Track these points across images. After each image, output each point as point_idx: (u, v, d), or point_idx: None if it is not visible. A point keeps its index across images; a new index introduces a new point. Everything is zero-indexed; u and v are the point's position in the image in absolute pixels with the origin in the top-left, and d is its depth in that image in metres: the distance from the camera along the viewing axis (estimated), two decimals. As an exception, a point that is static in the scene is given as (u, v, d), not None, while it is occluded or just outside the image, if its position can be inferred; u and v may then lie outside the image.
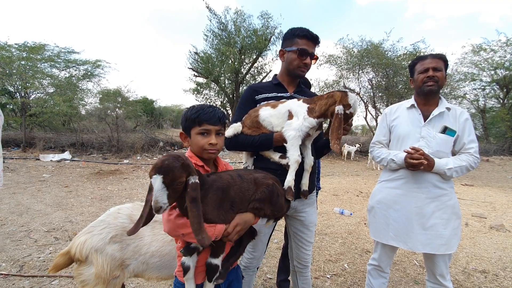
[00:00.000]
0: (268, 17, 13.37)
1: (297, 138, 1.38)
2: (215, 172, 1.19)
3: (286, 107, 1.46)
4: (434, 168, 1.59)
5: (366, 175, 8.93)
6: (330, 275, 2.64)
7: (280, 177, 1.49)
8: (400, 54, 13.68)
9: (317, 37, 1.59)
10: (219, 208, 1.07)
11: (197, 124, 1.17)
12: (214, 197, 1.06)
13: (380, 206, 1.78)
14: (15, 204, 4.47)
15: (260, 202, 1.19)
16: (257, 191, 1.20)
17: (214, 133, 1.18)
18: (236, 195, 1.14)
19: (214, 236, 1.06)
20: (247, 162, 1.64)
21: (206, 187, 1.05)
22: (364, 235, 3.71)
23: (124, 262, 1.53)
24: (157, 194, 0.88)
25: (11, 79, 10.86)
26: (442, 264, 1.66)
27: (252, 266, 1.68)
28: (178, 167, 0.91)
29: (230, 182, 1.13)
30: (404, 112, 1.79)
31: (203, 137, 1.17)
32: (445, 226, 1.62)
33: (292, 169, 1.39)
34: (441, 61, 1.69)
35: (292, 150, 1.39)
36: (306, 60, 1.57)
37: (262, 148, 1.52)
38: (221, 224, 1.08)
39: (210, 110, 1.18)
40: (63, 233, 3.40)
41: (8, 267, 2.56)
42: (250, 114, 1.55)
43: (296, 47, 1.57)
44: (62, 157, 9.40)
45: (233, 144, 1.56)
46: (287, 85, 1.67)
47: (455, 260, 3.04)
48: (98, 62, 13.58)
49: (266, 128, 1.50)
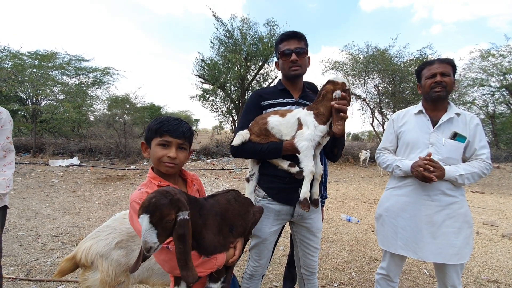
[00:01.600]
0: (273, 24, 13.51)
1: (310, 148, 1.38)
2: (211, 196, 1.15)
3: (295, 116, 1.46)
4: (445, 175, 1.55)
5: (373, 182, 8.81)
6: (337, 283, 2.59)
7: (288, 184, 1.49)
8: (407, 60, 13.60)
9: (294, 32, 1.58)
10: (219, 234, 1.05)
11: (158, 135, 1.13)
12: (215, 222, 1.04)
13: (388, 214, 1.74)
14: (24, 209, 4.53)
15: (255, 224, 1.23)
16: (255, 213, 1.23)
17: (175, 146, 1.13)
18: (234, 218, 1.13)
19: (215, 267, 1.05)
20: (253, 170, 1.61)
21: (205, 212, 1.02)
22: (372, 242, 3.64)
23: (129, 268, 1.52)
24: (145, 235, 0.83)
25: (23, 86, 11.11)
26: (454, 274, 1.61)
27: (257, 274, 1.65)
28: (166, 204, 0.85)
29: (227, 206, 1.12)
30: (412, 118, 1.76)
31: (162, 149, 1.13)
32: (456, 235, 1.58)
33: (307, 180, 1.38)
34: (449, 65, 1.66)
35: (306, 161, 1.38)
36: (292, 57, 1.55)
37: (270, 156, 1.50)
38: (222, 254, 1.06)
39: (175, 123, 1.15)
40: (70, 237, 3.43)
41: (16, 271, 2.58)
42: (258, 122, 1.53)
43: (279, 51, 1.60)
44: (71, 163, 9.53)
45: (240, 152, 1.54)
46: (292, 90, 1.66)
47: (467, 270, 2.95)
48: (107, 70, 13.86)
49: (275, 136, 1.48)
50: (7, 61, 11.26)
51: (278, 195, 1.53)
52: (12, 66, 10.87)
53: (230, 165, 10.75)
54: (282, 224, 1.61)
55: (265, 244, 1.58)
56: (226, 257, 1.09)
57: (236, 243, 1.15)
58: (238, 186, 6.87)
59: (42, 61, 11.61)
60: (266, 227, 1.54)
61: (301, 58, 1.57)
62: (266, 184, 1.57)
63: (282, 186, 1.51)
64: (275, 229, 1.57)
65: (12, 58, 11.25)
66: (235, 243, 1.15)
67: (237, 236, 1.15)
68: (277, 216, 1.54)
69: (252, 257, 1.63)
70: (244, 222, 1.19)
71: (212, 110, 16.49)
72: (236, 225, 1.14)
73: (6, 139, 1.81)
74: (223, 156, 12.96)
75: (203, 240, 1.00)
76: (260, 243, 1.57)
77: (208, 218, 1.02)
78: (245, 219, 1.19)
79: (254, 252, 1.61)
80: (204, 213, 1.02)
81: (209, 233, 1.01)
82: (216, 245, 1.03)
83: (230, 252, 1.12)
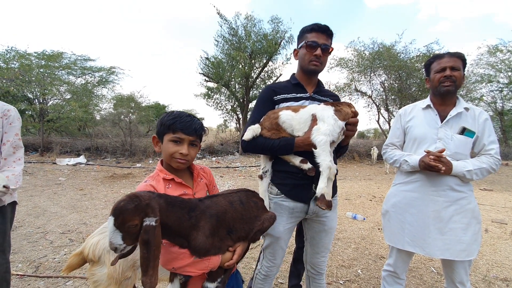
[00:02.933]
0: (278, 21, 13.43)
1: (328, 143, 1.32)
2: (211, 196, 1.14)
3: (309, 111, 1.41)
4: (452, 171, 1.53)
5: (380, 180, 8.74)
6: (343, 281, 2.58)
7: (300, 180, 1.45)
8: (413, 56, 13.43)
9: (326, 27, 1.51)
10: (213, 236, 1.03)
11: (171, 131, 1.13)
12: (207, 225, 1.01)
13: (395, 210, 1.72)
14: (32, 207, 4.60)
15: (262, 232, 1.18)
16: (264, 221, 1.19)
17: (187, 143, 1.14)
18: (235, 222, 1.10)
19: (208, 269, 1.03)
20: (266, 166, 1.57)
21: (197, 214, 1.01)
22: (378, 240, 3.61)
23: (136, 263, 1.53)
24: (110, 236, 0.84)
25: (30, 86, 11.28)
26: (462, 271, 1.59)
27: (272, 274, 1.60)
28: (130, 209, 0.85)
29: (227, 208, 1.09)
30: (419, 113, 1.73)
31: (174, 145, 1.13)
32: (465, 231, 1.55)
33: (325, 175, 1.31)
34: (459, 60, 1.62)
35: (323, 156, 1.31)
36: (317, 51, 1.49)
37: (282, 152, 1.46)
38: (216, 256, 1.04)
39: (188, 120, 1.15)
40: (77, 235, 3.47)
41: (24, 267, 2.62)
42: (270, 116, 1.49)
43: (306, 41, 1.52)
44: (78, 161, 9.65)
45: (251, 147, 1.50)
46: (306, 84, 1.60)
47: (475, 268, 2.91)
48: (112, 69, 13.99)
49: (286, 131, 1.44)
50: (14, 61, 11.43)
51: (291, 192, 1.48)
52: (19, 66, 11.03)
53: (235, 163, 10.76)
54: (296, 222, 1.56)
55: (279, 243, 1.52)
56: (222, 260, 1.06)
57: (235, 247, 1.12)
58: (243, 184, 6.87)
59: (49, 61, 11.77)
60: (280, 226, 1.48)
61: (324, 55, 1.53)
62: (279, 180, 1.53)
63: (295, 183, 1.47)
64: (289, 227, 1.52)
65: (19, 58, 11.41)
66: (234, 247, 1.12)
67: (237, 240, 1.12)
68: (291, 214, 1.49)
69: (266, 257, 1.58)
70: (247, 227, 1.14)
71: (216, 108, 16.50)
72: (236, 228, 1.10)
73: (15, 135, 1.84)
74: (227, 154, 12.99)
75: (194, 241, 0.98)
76: (274, 243, 1.53)
77: (200, 220, 1.00)
78: (249, 224, 1.14)
79: (268, 252, 1.56)
80: (196, 214, 1.00)
81: (200, 234, 0.99)
82: (209, 247, 1.00)
83: (226, 256, 1.09)
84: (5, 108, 1.83)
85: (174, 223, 0.95)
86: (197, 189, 1.23)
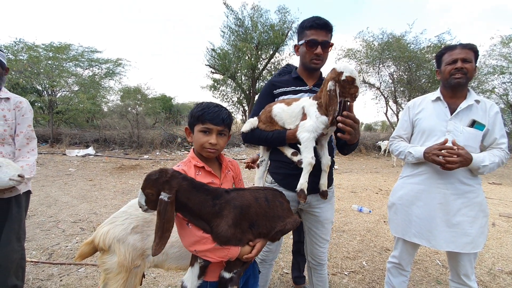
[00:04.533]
0: (285, 11, 13.25)
1: (311, 140, 1.35)
2: (237, 189, 1.18)
3: (300, 105, 1.43)
4: (471, 164, 1.50)
5: (386, 173, 8.69)
6: (348, 272, 2.61)
7: (293, 170, 1.48)
8: (424, 47, 13.10)
9: (326, 23, 1.50)
10: (235, 227, 1.06)
11: (200, 122, 1.19)
12: (231, 215, 1.05)
13: (402, 202, 1.72)
14: (44, 196, 4.73)
15: (283, 233, 1.20)
16: (287, 222, 1.20)
17: (215, 133, 1.19)
18: (258, 217, 1.13)
19: (227, 258, 1.06)
20: (263, 156, 1.66)
21: (222, 202, 1.05)
22: (384, 233, 3.62)
23: (145, 252, 1.57)
24: (139, 195, 1.03)
25: (39, 78, 11.41)
26: (467, 263, 1.59)
27: (268, 259, 1.68)
28: (151, 180, 0.99)
29: (252, 203, 1.12)
30: (429, 105, 1.71)
31: (204, 135, 1.19)
32: (471, 224, 1.55)
33: (306, 171, 1.37)
34: (471, 51, 1.59)
35: (305, 153, 1.36)
36: (317, 50, 1.50)
37: (275, 144, 1.54)
38: (236, 248, 1.07)
39: (216, 110, 1.19)
40: (88, 224, 3.57)
41: (38, 255, 2.71)
42: (265, 109, 1.57)
43: (305, 39, 1.52)
44: (87, 152, 9.81)
45: (249, 138, 1.61)
46: (306, 78, 1.63)
47: (480, 261, 2.91)
48: (119, 61, 13.99)
49: (278, 124, 1.50)
50: (22, 53, 11.54)
51: (284, 180, 1.56)
52: (28, 58, 11.14)
53: (241, 155, 10.81)
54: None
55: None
56: (241, 253, 1.09)
57: (255, 242, 1.14)
58: (248, 176, 6.91)
59: (57, 53, 11.84)
60: None
61: (325, 51, 1.53)
62: (273, 169, 1.62)
63: (288, 172, 1.53)
64: None
65: (28, 50, 11.50)
66: (254, 242, 1.14)
67: (258, 236, 1.14)
68: None
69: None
70: (269, 224, 1.16)
71: (222, 100, 16.49)
72: (259, 224, 1.13)
73: (28, 127, 1.88)
74: (234, 146, 13.04)
75: (217, 227, 1.03)
76: None
77: (224, 209, 1.05)
78: (271, 222, 1.16)
79: None
80: (220, 203, 1.05)
81: (223, 222, 1.03)
82: (230, 236, 1.04)
83: (246, 249, 1.11)
84: (17, 100, 1.87)
85: (195, 205, 1.02)
86: (224, 180, 1.26)
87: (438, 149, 1.51)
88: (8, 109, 1.82)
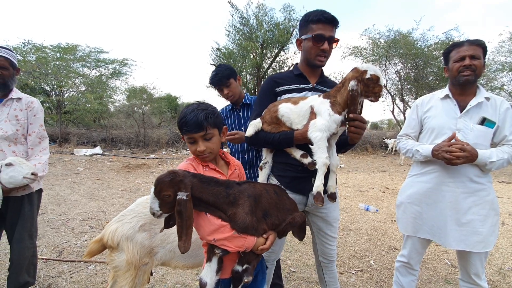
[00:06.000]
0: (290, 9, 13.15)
1: (324, 140, 1.30)
2: (248, 182, 1.19)
3: (308, 103, 1.39)
4: (477, 160, 1.47)
5: (393, 171, 8.61)
6: (355, 271, 2.59)
7: (301, 173, 1.46)
8: (431, 44, 12.90)
9: (333, 18, 1.45)
10: (252, 214, 1.08)
11: (183, 133, 1.19)
12: (246, 203, 1.08)
13: (411, 201, 1.70)
14: (53, 195, 4.81)
15: (292, 226, 1.22)
16: (295, 216, 1.22)
17: (200, 139, 1.16)
18: (270, 207, 1.15)
19: (244, 247, 1.07)
20: (266, 158, 1.59)
21: (235, 192, 1.08)
22: (391, 232, 3.59)
23: (153, 250, 1.59)
24: (150, 201, 1.02)
25: (47, 78, 11.59)
26: (478, 262, 1.57)
27: (270, 259, 1.65)
28: (167, 182, 1.00)
29: (263, 193, 1.15)
30: (438, 103, 1.68)
31: (191, 145, 1.19)
32: (482, 222, 1.53)
33: (321, 172, 1.31)
34: (479, 48, 1.56)
35: (319, 153, 1.31)
36: (324, 45, 1.44)
37: (283, 146, 1.47)
38: (252, 237, 1.08)
39: (191, 117, 1.14)
40: (97, 222, 3.62)
41: (49, 252, 2.76)
42: (270, 109, 1.49)
43: (311, 33, 1.45)
44: (94, 152, 9.93)
45: (254, 141, 1.52)
46: (309, 75, 1.58)
47: (490, 260, 2.86)
48: (125, 61, 14.12)
49: (285, 124, 1.44)
50: (31, 54, 11.72)
51: (291, 183, 1.49)
52: (36, 59, 11.32)
53: (246, 154, 10.82)
54: None
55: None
56: (255, 244, 1.10)
57: (268, 234, 1.15)
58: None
59: (64, 54, 12.00)
60: None
61: (330, 47, 1.49)
62: (279, 172, 1.55)
63: (295, 175, 1.48)
64: None
65: (36, 51, 11.69)
66: (267, 233, 1.15)
67: (271, 227, 1.16)
68: None
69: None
70: (280, 215, 1.18)
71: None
72: (271, 214, 1.15)
73: (40, 126, 1.92)
74: (239, 145, 13.04)
75: (234, 215, 1.06)
76: None
77: (239, 198, 1.08)
78: (282, 213, 1.19)
79: None
80: (234, 193, 1.08)
81: (240, 210, 1.07)
82: (248, 223, 1.06)
83: (260, 240, 1.12)
84: (29, 100, 1.91)
85: (209, 197, 1.05)
86: (230, 178, 1.26)
87: (447, 146, 1.49)
88: (20, 109, 1.85)
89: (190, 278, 2.37)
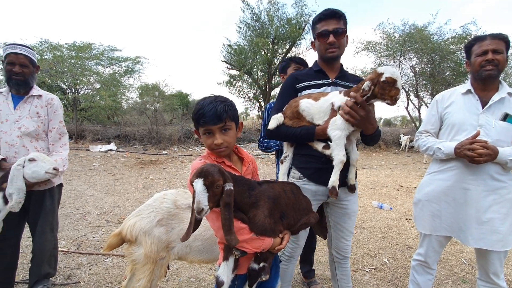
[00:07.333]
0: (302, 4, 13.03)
1: (343, 138, 1.36)
2: (267, 181, 1.19)
3: (329, 100, 1.42)
4: (497, 158, 1.44)
5: (407, 169, 8.44)
6: (369, 269, 2.57)
7: (324, 164, 1.47)
8: (448, 38, 12.48)
9: (334, 12, 1.51)
10: (270, 217, 1.09)
11: (199, 125, 1.16)
12: (266, 205, 1.08)
13: (429, 199, 1.67)
14: (71, 190, 4.96)
15: (306, 226, 1.23)
16: (310, 216, 1.24)
17: (217, 132, 1.14)
18: (287, 208, 1.16)
19: (261, 248, 1.08)
20: (287, 152, 1.64)
21: (256, 193, 1.08)
22: (406, 230, 3.53)
23: (170, 244, 1.62)
24: (199, 196, 0.93)
25: (63, 76, 11.90)
26: (497, 261, 1.54)
27: (295, 255, 1.68)
28: (216, 171, 0.96)
29: (281, 194, 1.16)
30: (459, 98, 1.64)
31: (208, 137, 1.16)
32: (502, 221, 1.49)
33: (337, 169, 1.38)
34: (502, 42, 1.52)
35: (337, 150, 1.37)
36: (329, 39, 1.50)
37: (303, 140, 1.52)
38: (269, 239, 1.09)
39: (210, 108, 1.12)
40: (113, 216, 3.71)
41: (68, 245, 2.86)
42: (291, 105, 1.54)
43: (316, 32, 1.55)
44: (109, 148, 10.17)
45: (275, 135, 1.58)
46: (328, 71, 1.61)
47: (508, 260, 2.78)
48: (138, 59, 14.33)
49: (306, 119, 1.48)
50: (47, 53, 12.05)
51: (314, 175, 1.53)
52: (52, 57, 11.63)
53: (257, 151, 10.83)
54: (318, 205, 1.59)
55: None
56: (272, 244, 1.11)
57: (284, 234, 1.17)
58: (265, 172, 6.93)
59: (79, 52, 12.28)
60: None
61: (339, 39, 1.52)
62: (301, 164, 1.58)
63: (318, 166, 1.51)
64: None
65: (52, 50, 12.01)
66: (283, 234, 1.17)
67: (287, 227, 1.17)
68: (313, 197, 1.52)
69: (290, 239, 1.65)
70: (296, 216, 1.20)
71: (239, 96, 16.50)
72: (288, 215, 1.16)
73: (59, 123, 1.98)
74: (250, 142, 13.09)
75: (254, 217, 1.06)
76: None
77: (260, 199, 1.08)
78: (298, 213, 1.21)
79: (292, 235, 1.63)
80: (256, 193, 1.08)
81: (260, 212, 1.06)
82: (267, 226, 1.07)
83: (277, 240, 1.14)
84: (48, 97, 1.97)
85: (236, 196, 1.03)
86: (245, 174, 1.26)
87: (469, 143, 1.45)
88: (40, 106, 1.91)
89: (204, 272, 2.41)
